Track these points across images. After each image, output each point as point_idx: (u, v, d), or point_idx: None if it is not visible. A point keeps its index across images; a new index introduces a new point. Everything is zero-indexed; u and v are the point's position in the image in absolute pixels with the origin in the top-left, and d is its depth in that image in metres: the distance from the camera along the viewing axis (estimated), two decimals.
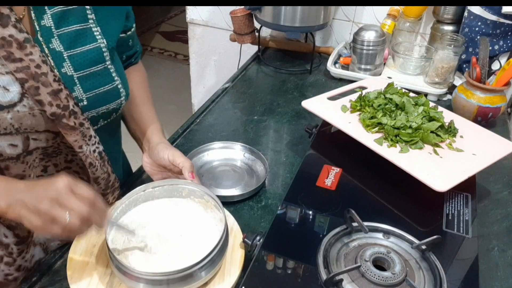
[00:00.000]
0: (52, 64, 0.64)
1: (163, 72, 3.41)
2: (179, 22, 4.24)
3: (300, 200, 0.76)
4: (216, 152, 0.95)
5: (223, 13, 1.66)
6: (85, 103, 0.68)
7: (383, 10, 1.36)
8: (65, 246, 0.72)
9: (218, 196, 0.71)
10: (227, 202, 0.82)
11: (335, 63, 1.36)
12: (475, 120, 1.05)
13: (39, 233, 0.74)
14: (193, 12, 1.72)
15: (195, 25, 1.76)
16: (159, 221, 0.71)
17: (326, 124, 0.97)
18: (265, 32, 1.55)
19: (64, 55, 0.65)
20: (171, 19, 4.35)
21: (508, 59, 1.14)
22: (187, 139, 1.04)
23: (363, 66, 1.29)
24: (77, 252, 0.68)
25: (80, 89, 0.67)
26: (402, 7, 1.32)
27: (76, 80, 0.66)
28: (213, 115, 1.14)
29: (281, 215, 0.73)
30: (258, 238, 0.67)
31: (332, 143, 0.94)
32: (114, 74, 0.72)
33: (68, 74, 0.66)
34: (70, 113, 0.63)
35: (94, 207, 0.57)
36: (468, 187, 0.78)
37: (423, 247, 0.64)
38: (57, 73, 0.64)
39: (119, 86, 0.72)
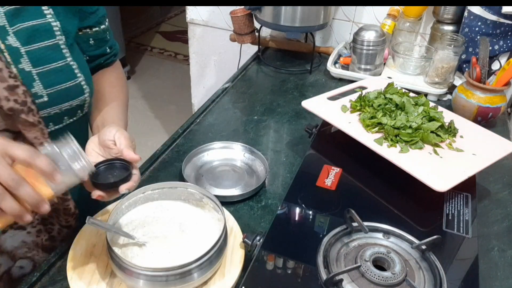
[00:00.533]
0: (9, 60, 0.63)
1: (163, 72, 3.41)
2: (179, 22, 4.24)
3: (300, 200, 0.76)
4: (216, 152, 0.95)
5: (223, 13, 1.66)
6: (45, 99, 0.67)
7: (383, 10, 1.36)
8: (65, 246, 0.72)
9: (218, 196, 0.71)
10: (227, 202, 0.82)
11: (335, 63, 1.36)
12: (475, 120, 1.05)
13: None
14: (193, 12, 1.72)
15: (195, 25, 1.76)
16: (158, 221, 0.71)
17: (326, 124, 0.97)
18: (265, 32, 1.55)
19: (22, 51, 0.64)
20: (171, 19, 4.34)
21: (508, 59, 1.14)
22: (187, 139, 1.04)
23: (363, 66, 1.29)
24: (77, 252, 0.68)
25: (40, 85, 0.66)
26: (402, 7, 1.32)
27: (35, 76, 0.66)
28: (213, 115, 1.14)
29: (281, 215, 0.73)
30: (258, 238, 0.67)
31: (332, 143, 0.94)
32: (76, 71, 0.71)
33: (26, 70, 0.65)
34: (29, 109, 0.62)
35: (31, 166, 0.50)
36: (468, 187, 0.78)
37: (423, 247, 0.64)
38: (14, 69, 0.63)
39: (82, 82, 0.72)
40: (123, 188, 0.60)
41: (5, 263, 0.75)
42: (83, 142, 0.81)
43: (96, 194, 0.61)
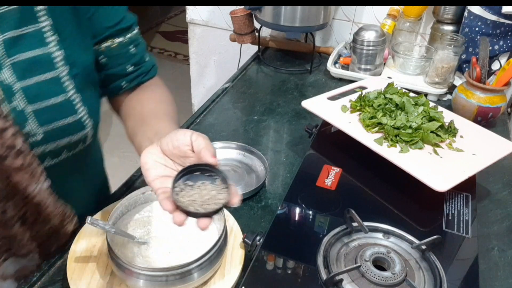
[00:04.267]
0: (2, 97, 0.57)
1: (163, 72, 3.38)
2: (179, 22, 4.24)
3: (300, 200, 0.76)
4: (216, 152, 0.95)
5: (223, 13, 1.66)
6: (40, 137, 0.61)
7: (383, 10, 1.36)
8: (65, 246, 0.72)
9: None
10: None
11: (335, 63, 1.35)
12: (475, 120, 1.05)
13: None
14: (193, 12, 1.72)
15: (195, 25, 1.75)
16: (158, 221, 0.71)
17: (326, 124, 0.97)
18: (265, 32, 1.55)
19: (17, 86, 0.57)
20: (171, 19, 4.34)
21: (508, 59, 1.14)
22: None
23: (363, 66, 1.29)
24: (77, 252, 0.68)
25: (35, 123, 0.60)
26: (402, 7, 1.32)
27: (30, 114, 0.59)
28: (213, 115, 1.14)
29: (281, 215, 0.73)
30: (258, 238, 0.67)
31: (332, 143, 0.94)
32: (78, 106, 0.64)
33: (20, 108, 0.58)
34: (17, 153, 0.56)
35: None
36: (468, 187, 0.78)
37: (423, 247, 0.64)
38: (6, 107, 0.57)
39: (84, 117, 0.65)
40: (236, 203, 0.51)
41: (11, 286, 0.72)
42: (93, 166, 0.80)
43: (206, 224, 0.50)
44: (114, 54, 0.70)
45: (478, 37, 1.18)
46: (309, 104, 0.95)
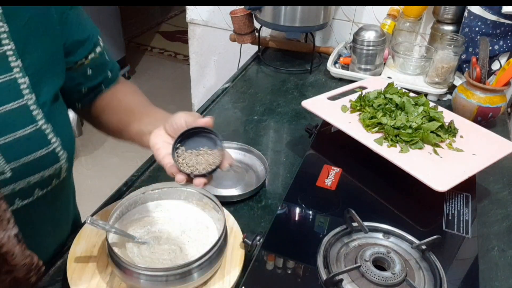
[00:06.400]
0: None
1: (163, 72, 3.41)
2: (179, 22, 4.24)
3: (300, 200, 0.76)
4: None
5: (223, 13, 1.66)
6: (8, 175, 0.54)
7: (383, 10, 1.36)
8: (65, 246, 0.72)
9: (218, 196, 0.71)
10: (227, 202, 0.82)
11: (335, 63, 1.36)
12: (475, 120, 1.05)
13: None
14: (193, 12, 1.72)
15: (195, 25, 1.76)
16: (158, 221, 0.71)
17: (326, 124, 0.97)
18: (265, 32, 1.55)
19: None
20: (171, 19, 4.34)
21: (508, 59, 1.15)
22: None
23: (363, 66, 1.29)
24: (77, 252, 0.68)
25: (2, 159, 0.53)
26: (402, 7, 1.32)
27: None
28: (213, 115, 1.14)
29: (281, 215, 0.73)
30: (258, 238, 0.67)
31: (332, 143, 0.94)
32: (50, 136, 0.58)
33: None
34: None
35: None
36: (468, 187, 0.78)
37: (423, 247, 0.64)
38: None
39: (58, 149, 0.59)
40: (225, 166, 0.58)
41: None
42: (64, 212, 0.72)
43: (201, 182, 0.56)
44: (98, 63, 0.69)
45: (478, 37, 1.18)
46: (309, 104, 0.95)
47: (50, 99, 0.59)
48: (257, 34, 1.41)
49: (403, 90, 0.96)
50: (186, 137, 0.59)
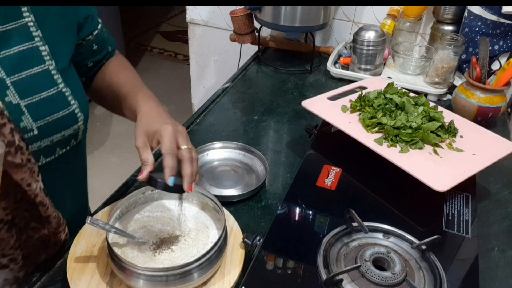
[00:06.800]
0: None
1: (163, 72, 3.41)
2: (179, 22, 4.24)
3: (300, 200, 0.76)
4: (216, 152, 0.95)
5: (223, 13, 1.66)
6: (35, 132, 0.61)
7: (383, 10, 1.36)
8: (65, 246, 0.72)
9: (218, 196, 0.71)
10: (227, 202, 0.82)
11: (335, 63, 1.36)
12: (475, 120, 1.05)
13: None
14: (193, 12, 1.72)
15: (195, 25, 1.76)
16: (158, 221, 0.71)
17: (326, 124, 0.97)
18: (265, 32, 1.55)
19: (7, 82, 0.58)
20: (171, 19, 4.34)
21: (508, 59, 1.14)
22: None
23: (363, 66, 1.29)
24: (77, 252, 0.68)
25: (29, 118, 0.60)
26: (402, 7, 1.32)
27: (23, 109, 0.60)
28: (213, 115, 1.14)
29: (281, 215, 0.73)
30: (258, 238, 0.67)
31: (332, 143, 0.94)
32: (70, 98, 0.65)
33: (14, 103, 0.59)
34: (16, 149, 0.55)
35: None
36: (468, 187, 0.78)
37: (423, 247, 0.64)
38: (0, 104, 0.57)
39: (76, 110, 0.66)
40: (186, 188, 0.61)
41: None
42: (79, 172, 0.79)
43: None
44: (100, 38, 0.77)
45: (478, 37, 1.18)
46: (309, 104, 0.95)
47: (67, 66, 0.66)
48: (257, 34, 1.41)
49: (403, 90, 0.96)
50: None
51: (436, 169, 0.77)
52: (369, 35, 1.24)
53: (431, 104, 0.91)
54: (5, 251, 0.64)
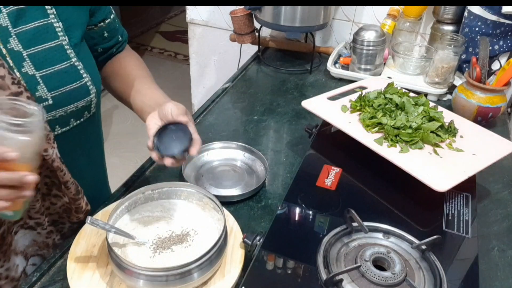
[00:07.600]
0: (12, 65, 0.62)
1: (163, 72, 3.41)
2: (179, 22, 4.24)
3: (300, 200, 0.76)
4: (216, 152, 0.95)
5: (223, 13, 1.66)
6: (50, 102, 0.66)
7: (383, 10, 1.36)
8: (65, 246, 0.72)
9: (218, 196, 0.71)
10: (227, 202, 0.82)
11: (335, 63, 1.35)
12: (475, 120, 1.05)
13: None
14: (193, 12, 1.72)
15: (195, 25, 1.76)
16: (158, 221, 0.71)
17: (326, 124, 0.97)
18: (265, 32, 1.55)
19: (24, 54, 0.64)
20: (171, 19, 4.34)
21: (508, 59, 1.14)
22: None
23: (363, 66, 1.29)
24: (77, 252, 0.68)
25: (44, 88, 0.66)
26: (402, 7, 1.32)
27: (39, 79, 0.65)
28: (213, 115, 1.14)
29: (281, 215, 0.73)
30: (258, 238, 0.67)
31: (332, 143, 0.94)
32: (82, 71, 0.70)
33: (30, 73, 0.64)
34: None
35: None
36: (468, 187, 0.78)
37: (423, 247, 0.64)
38: (17, 74, 0.62)
39: (88, 83, 0.71)
40: (194, 152, 0.66)
41: (21, 263, 0.75)
42: (95, 146, 0.84)
43: (169, 162, 0.65)
44: (112, 27, 0.82)
45: (478, 37, 1.18)
46: (309, 104, 0.95)
47: (79, 42, 0.71)
48: (257, 34, 1.41)
49: (403, 90, 0.96)
50: (167, 126, 0.68)
51: (436, 169, 0.77)
52: (369, 35, 1.24)
53: (431, 104, 0.91)
54: (31, 214, 0.71)
